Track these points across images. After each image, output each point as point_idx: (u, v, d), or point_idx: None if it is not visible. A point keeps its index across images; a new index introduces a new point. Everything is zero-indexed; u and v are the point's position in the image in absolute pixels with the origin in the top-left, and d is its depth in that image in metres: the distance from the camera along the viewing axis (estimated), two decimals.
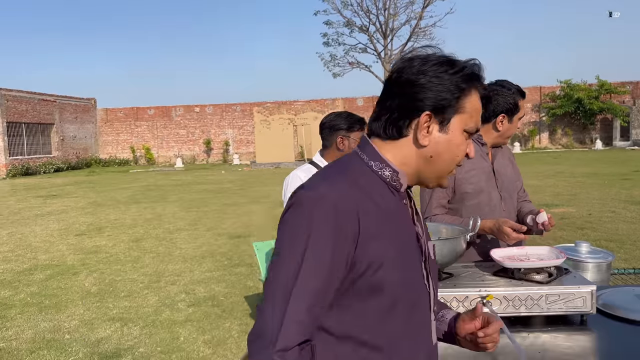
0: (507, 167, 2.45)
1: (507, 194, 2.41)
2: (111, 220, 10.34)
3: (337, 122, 2.57)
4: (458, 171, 2.31)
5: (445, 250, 1.89)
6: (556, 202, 10.21)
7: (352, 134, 2.58)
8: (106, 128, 33.31)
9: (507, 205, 2.39)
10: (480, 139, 2.36)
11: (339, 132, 2.57)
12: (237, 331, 4.28)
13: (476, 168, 2.32)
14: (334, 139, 2.58)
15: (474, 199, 2.32)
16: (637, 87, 29.92)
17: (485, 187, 2.34)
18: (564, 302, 1.81)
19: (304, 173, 2.56)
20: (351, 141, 2.58)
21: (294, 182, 2.55)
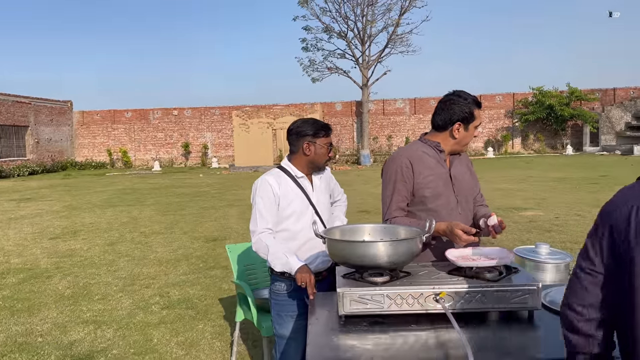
0: (465, 173, 2.58)
1: (464, 198, 2.55)
2: (86, 224, 10.27)
3: (303, 129, 2.62)
4: (417, 176, 2.45)
5: (401, 250, 2.02)
6: (525, 206, 10.49)
7: (317, 139, 2.62)
8: (82, 131, 32.88)
9: (464, 209, 2.53)
10: (439, 147, 2.50)
11: (305, 138, 2.62)
12: (210, 333, 4.35)
13: (434, 174, 2.46)
14: (301, 145, 2.63)
15: (432, 202, 2.45)
16: (606, 95, 30.77)
17: (443, 192, 2.47)
18: (512, 299, 1.94)
19: (273, 178, 2.60)
20: (317, 147, 2.63)
21: (263, 186, 2.58)
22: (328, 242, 2.12)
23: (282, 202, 2.57)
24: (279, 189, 2.58)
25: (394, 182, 2.49)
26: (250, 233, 2.61)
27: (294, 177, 2.63)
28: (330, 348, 1.83)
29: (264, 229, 2.55)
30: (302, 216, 2.60)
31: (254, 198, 2.63)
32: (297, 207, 2.59)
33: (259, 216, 2.56)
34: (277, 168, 2.70)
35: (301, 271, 2.39)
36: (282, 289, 2.60)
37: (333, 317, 2.07)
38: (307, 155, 2.63)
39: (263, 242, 2.52)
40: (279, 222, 2.60)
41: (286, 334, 2.58)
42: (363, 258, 2.02)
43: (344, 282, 2.05)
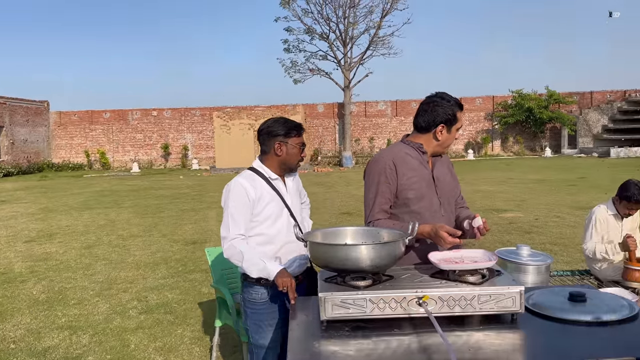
0: (447, 175, 2.56)
1: (446, 200, 2.53)
2: (62, 227, 10.05)
3: (274, 128, 2.55)
4: (401, 178, 2.42)
5: (384, 253, 1.98)
6: (506, 207, 10.58)
7: (289, 139, 2.55)
8: (59, 132, 32.28)
9: (446, 211, 2.51)
10: (421, 148, 2.47)
11: (277, 138, 2.55)
12: (189, 337, 4.26)
13: (418, 175, 2.43)
14: (272, 145, 2.56)
15: (416, 204, 2.42)
16: (584, 98, 31.31)
17: (426, 193, 2.45)
18: (495, 302, 1.92)
19: (246, 181, 2.51)
20: (289, 147, 2.55)
21: (236, 190, 2.49)
22: (310, 246, 2.07)
23: (257, 205, 2.48)
24: (254, 192, 2.48)
25: (377, 183, 2.45)
26: (222, 239, 2.50)
27: (268, 179, 2.55)
28: (311, 354, 1.78)
29: (236, 234, 2.45)
30: (278, 219, 2.52)
31: (226, 202, 2.52)
32: (273, 210, 2.51)
33: (231, 221, 2.46)
34: (249, 170, 2.60)
35: (281, 275, 2.33)
36: (259, 297, 2.50)
37: (314, 322, 2.03)
38: (278, 156, 2.56)
39: (237, 249, 2.42)
40: (253, 226, 2.50)
41: (266, 343, 2.49)
42: (345, 262, 1.97)
43: (326, 287, 2.01)
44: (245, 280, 2.52)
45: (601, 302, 2.04)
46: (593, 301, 2.05)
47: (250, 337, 2.55)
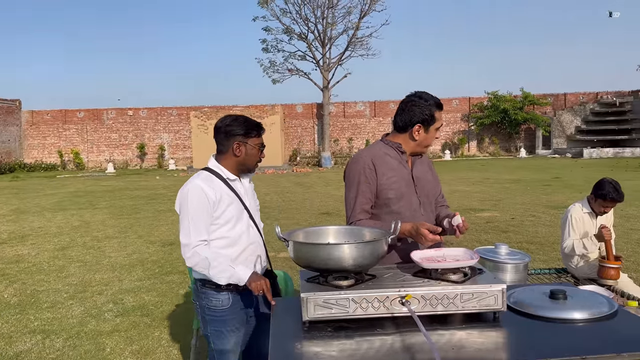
0: (426, 174, 2.56)
1: (426, 199, 2.53)
2: (35, 228, 9.81)
3: (233, 128, 2.41)
4: (380, 177, 2.41)
5: (367, 252, 1.96)
6: (482, 207, 10.70)
7: (249, 140, 2.44)
8: (32, 131, 31.55)
9: (426, 210, 2.50)
10: (400, 148, 2.46)
11: (236, 137, 2.42)
12: (166, 340, 4.18)
13: (397, 175, 2.42)
14: (231, 145, 2.43)
15: (396, 204, 2.41)
16: (558, 100, 31.92)
17: (406, 193, 2.44)
18: (477, 301, 1.92)
19: (205, 183, 2.37)
20: (248, 147, 2.44)
21: (195, 193, 2.35)
22: (292, 245, 2.04)
23: (218, 208, 2.36)
24: (214, 194, 2.35)
25: (357, 183, 2.43)
26: (182, 247, 2.34)
27: (226, 180, 2.42)
28: (293, 356, 1.75)
29: (198, 241, 2.32)
30: (239, 221, 2.41)
31: (184, 207, 2.36)
32: (233, 212, 2.39)
33: (192, 227, 2.31)
34: (206, 170, 2.46)
35: (254, 279, 2.27)
36: (221, 304, 2.37)
37: (296, 323, 1.99)
38: (237, 157, 2.43)
39: (201, 256, 2.29)
40: (213, 229, 2.37)
41: (228, 348, 2.41)
42: (328, 261, 1.95)
43: (308, 287, 1.98)
44: (204, 287, 2.39)
45: (581, 300, 2.06)
46: (573, 298, 2.07)
47: (212, 344, 2.43)
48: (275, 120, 27.63)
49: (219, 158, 2.47)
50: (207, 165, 2.48)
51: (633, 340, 1.76)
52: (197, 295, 2.44)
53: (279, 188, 16.58)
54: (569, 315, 1.95)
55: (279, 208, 11.61)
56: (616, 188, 3.89)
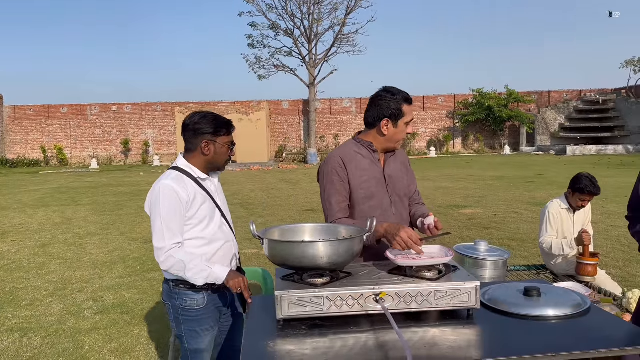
0: (400, 172, 2.53)
1: (398, 197, 2.50)
2: (15, 225, 9.67)
3: (202, 126, 2.34)
4: (352, 178, 2.40)
5: (341, 249, 1.95)
6: (465, 204, 10.77)
7: (218, 138, 2.36)
8: (14, 126, 31.08)
9: (398, 209, 2.48)
10: (372, 146, 2.45)
11: (204, 136, 2.35)
12: (146, 338, 4.15)
13: (367, 175, 2.42)
14: (199, 143, 2.36)
15: (366, 203, 2.42)
16: (542, 97, 32.24)
17: (377, 193, 2.43)
18: (451, 298, 1.92)
19: (175, 183, 2.30)
20: (217, 146, 2.37)
21: (166, 194, 2.28)
22: (266, 243, 2.03)
23: (191, 208, 2.30)
24: (186, 194, 2.29)
25: (331, 183, 2.43)
26: (156, 250, 2.27)
27: (197, 179, 2.37)
28: (265, 355, 1.74)
29: (172, 244, 2.25)
30: (212, 221, 2.38)
31: (155, 208, 2.29)
32: (206, 211, 2.35)
33: (166, 230, 2.24)
34: (175, 170, 2.38)
35: (232, 277, 2.24)
36: (195, 304, 2.34)
37: (271, 321, 1.98)
38: (205, 155, 2.37)
39: (176, 259, 2.24)
40: (186, 229, 2.32)
41: (202, 347, 2.38)
42: (302, 259, 1.94)
43: (283, 285, 1.97)
44: (177, 287, 2.34)
45: (555, 297, 2.08)
46: (547, 296, 2.08)
47: (186, 344, 2.39)
48: (261, 117, 27.54)
49: (188, 156, 2.40)
50: (176, 164, 2.40)
51: (604, 337, 1.78)
52: (169, 296, 2.38)
53: (264, 185, 16.54)
54: (543, 313, 1.96)
55: (263, 205, 11.58)
56: (592, 181, 3.95)
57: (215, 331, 2.43)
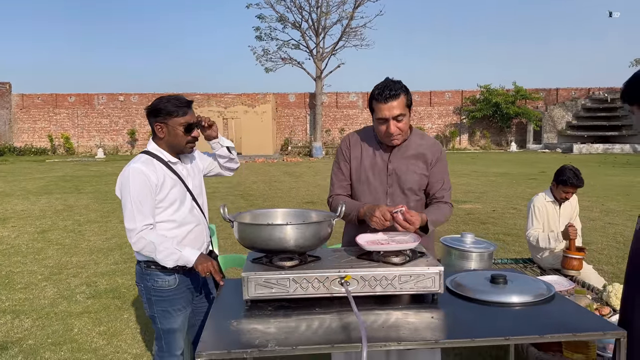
0: (410, 166, 2.46)
1: (400, 190, 2.46)
2: (18, 211, 9.78)
3: (155, 107, 2.34)
4: (354, 160, 2.43)
5: (308, 233, 1.98)
6: (465, 199, 10.76)
7: (169, 120, 2.33)
8: (22, 115, 31.31)
9: (395, 201, 2.44)
10: (377, 137, 2.47)
11: (157, 118, 2.34)
12: (134, 322, 4.21)
13: (366, 161, 2.48)
14: (153, 126, 2.38)
15: (358, 187, 2.50)
16: (550, 94, 32.01)
17: (371, 180, 2.46)
18: (414, 282, 1.95)
19: (145, 166, 2.31)
20: (170, 128, 2.34)
21: (136, 177, 2.28)
22: (236, 226, 2.06)
23: (161, 191, 2.32)
24: (155, 177, 2.30)
25: (337, 162, 2.57)
26: (128, 232, 2.30)
27: (167, 162, 2.38)
28: (228, 332, 1.78)
29: (144, 226, 2.27)
30: (182, 204, 2.39)
31: (125, 191, 2.29)
32: (177, 194, 2.36)
33: (137, 212, 2.26)
34: (145, 154, 2.38)
35: (201, 261, 2.27)
36: (167, 285, 2.36)
37: (239, 303, 2.02)
38: (160, 138, 2.37)
39: (147, 240, 2.26)
40: (157, 212, 2.34)
41: (175, 327, 2.42)
42: (269, 241, 1.97)
43: (251, 267, 2.01)
44: (149, 268, 2.37)
45: (520, 285, 2.10)
46: (513, 284, 2.11)
47: (158, 324, 2.42)
48: (266, 109, 27.57)
49: (155, 141, 2.42)
50: (147, 149, 2.42)
51: (560, 323, 1.80)
52: (140, 277, 2.41)
53: (267, 177, 16.58)
54: (506, 299, 1.99)
55: (263, 197, 11.63)
56: (576, 174, 3.97)
57: (188, 311, 2.47)
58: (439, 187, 2.51)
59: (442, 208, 2.47)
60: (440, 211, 2.44)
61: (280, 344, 1.66)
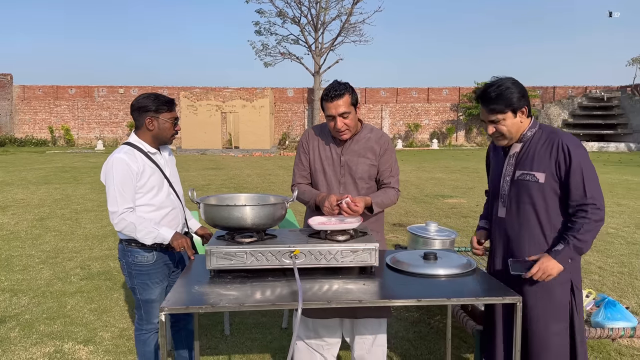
0: (359, 157, 2.77)
1: (352, 179, 2.78)
2: (17, 200, 10.12)
3: (145, 104, 2.64)
4: (311, 153, 2.76)
5: (262, 213, 2.31)
6: (452, 194, 11.08)
7: (160, 115, 2.65)
8: (23, 106, 31.63)
9: (347, 190, 2.77)
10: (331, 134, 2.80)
11: (148, 113, 2.64)
12: (124, 301, 4.55)
13: (320, 153, 2.82)
14: (144, 120, 2.66)
15: (314, 177, 2.85)
16: (546, 92, 32.26)
17: (326, 171, 2.80)
18: (353, 257, 2.27)
19: (126, 156, 2.59)
20: (160, 122, 2.66)
21: (118, 165, 2.57)
22: (202, 207, 2.39)
23: (141, 178, 2.61)
24: (136, 165, 2.59)
25: (298, 154, 2.91)
26: (110, 214, 2.58)
27: (147, 153, 2.68)
28: (190, 294, 2.11)
29: (124, 209, 2.55)
30: (160, 190, 2.69)
31: (109, 178, 2.58)
32: (155, 181, 2.66)
33: (119, 196, 2.54)
34: (127, 145, 2.70)
35: (176, 238, 2.58)
36: (146, 260, 2.67)
37: (205, 274, 2.34)
38: (150, 130, 2.66)
39: (127, 221, 2.55)
40: (138, 197, 2.63)
41: (153, 297, 2.72)
42: (228, 220, 2.30)
43: (215, 242, 2.33)
44: (129, 245, 2.67)
45: (448, 261, 2.42)
46: (442, 260, 2.43)
47: (138, 295, 2.74)
48: (264, 104, 27.83)
49: (138, 133, 2.73)
50: (129, 140, 2.74)
51: (469, 290, 2.14)
52: (122, 254, 2.73)
53: (262, 170, 16.91)
54: (433, 272, 2.31)
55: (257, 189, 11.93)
56: None
57: (165, 285, 2.79)
58: (387, 175, 2.82)
59: (388, 192, 2.79)
60: (386, 195, 2.76)
61: (230, 303, 1.99)
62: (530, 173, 2.32)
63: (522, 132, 2.38)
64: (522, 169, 2.35)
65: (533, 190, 2.31)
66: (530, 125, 2.39)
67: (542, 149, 2.31)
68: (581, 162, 2.23)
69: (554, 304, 2.32)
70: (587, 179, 2.22)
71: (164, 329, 1.94)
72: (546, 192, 2.29)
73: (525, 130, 2.38)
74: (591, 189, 2.22)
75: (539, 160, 2.30)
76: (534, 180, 2.30)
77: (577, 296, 2.35)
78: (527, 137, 2.38)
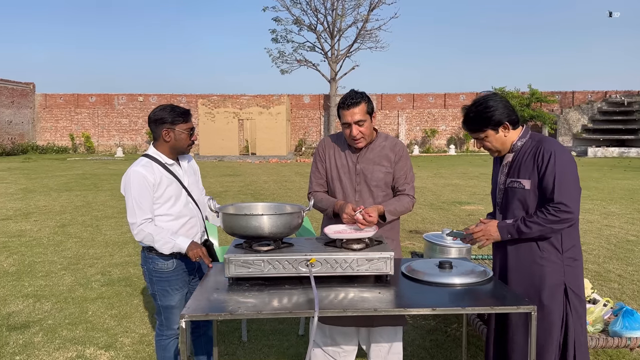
0: (375, 165, 2.81)
1: (366, 188, 2.82)
2: (40, 207, 10.33)
3: (161, 116, 2.69)
4: (328, 161, 2.81)
5: (280, 222, 2.36)
6: (469, 200, 11.02)
7: (176, 126, 2.71)
8: (45, 114, 32.27)
9: (363, 197, 2.81)
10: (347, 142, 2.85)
11: (164, 125, 2.70)
12: (144, 307, 4.62)
13: (336, 162, 2.87)
14: (160, 132, 2.72)
15: (330, 185, 2.90)
16: (565, 97, 31.91)
17: (342, 179, 2.84)
18: (369, 265, 2.31)
19: (144, 169, 2.66)
20: (176, 133, 2.72)
21: (136, 178, 2.64)
22: (221, 216, 2.44)
23: (158, 189, 2.68)
24: (153, 177, 2.65)
25: (314, 162, 2.96)
26: (130, 225, 2.66)
27: (165, 164, 2.75)
28: (209, 301, 2.16)
29: (143, 220, 2.63)
30: (178, 199, 2.75)
31: (127, 190, 2.66)
32: (172, 192, 2.73)
33: (137, 208, 2.62)
34: (145, 157, 2.77)
35: (191, 248, 2.64)
36: (166, 267, 2.74)
37: (223, 281, 2.40)
38: (167, 142, 2.73)
39: (146, 232, 2.64)
40: (156, 208, 2.71)
41: (173, 304, 2.79)
42: (246, 229, 2.35)
43: (233, 250, 2.38)
44: (150, 253, 2.75)
45: (463, 269, 2.44)
46: (457, 269, 2.45)
47: (159, 301, 2.82)
48: (281, 110, 28.00)
49: (156, 145, 2.80)
50: (147, 152, 2.82)
51: (484, 299, 2.15)
52: (144, 261, 2.81)
53: (279, 176, 17.00)
54: (449, 281, 2.33)
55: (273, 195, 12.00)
56: None
57: (185, 291, 2.85)
58: (401, 182, 2.85)
59: (402, 199, 2.81)
60: (400, 202, 2.79)
61: (248, 310, 2.03)
62: (518, 180, 2.44)
63: (512, 143, 2.49)
64: (511, 177, 2.48)
65: (520, 196, 2.43)
66: (521, 135, 2.50)
67: (529, 158, 2.42)
68: (557, 166, 2.31)
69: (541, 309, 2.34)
70: (559, 183, 2.30)
71: (184, 335, 2.00)
72: (532, 198, 2.40)
73: (516, 140, 2.49)
74: (561, 192, 2.29)
75: (525, 168, 2.42)
76: (521, 187, 2.42)
77: (574, 301, 2.36)
78: (518, 147, 2.49)
